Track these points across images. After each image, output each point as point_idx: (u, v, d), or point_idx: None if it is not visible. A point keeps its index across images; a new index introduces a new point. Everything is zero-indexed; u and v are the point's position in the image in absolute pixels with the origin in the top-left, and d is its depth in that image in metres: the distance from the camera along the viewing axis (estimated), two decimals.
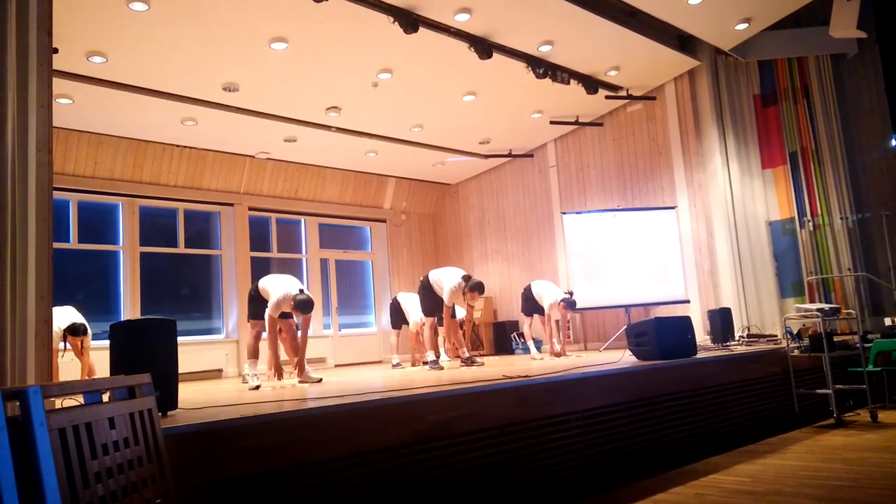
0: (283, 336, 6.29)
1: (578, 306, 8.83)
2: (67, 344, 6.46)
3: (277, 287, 5.86)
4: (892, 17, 8.32)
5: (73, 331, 6.40)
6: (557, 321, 8.48)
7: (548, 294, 7.94)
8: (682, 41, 8.34)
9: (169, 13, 6.12)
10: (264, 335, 6.11)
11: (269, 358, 6.23)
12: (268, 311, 5.82)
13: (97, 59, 6.78)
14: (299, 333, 6.17)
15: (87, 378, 6.57)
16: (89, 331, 6.66)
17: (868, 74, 8.45)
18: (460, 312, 7.78)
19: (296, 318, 6.12)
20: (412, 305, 8.23)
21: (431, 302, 7.21)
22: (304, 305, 5.73)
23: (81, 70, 7.00)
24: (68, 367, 6.76)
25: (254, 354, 5.97)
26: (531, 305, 8.13)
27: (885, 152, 8.32)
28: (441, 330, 8.00)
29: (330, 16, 6.35)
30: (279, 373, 6.07)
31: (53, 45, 3.17)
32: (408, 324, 8.43)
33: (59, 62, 5.91)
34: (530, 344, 8.17)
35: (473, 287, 6.94)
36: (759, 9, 7.42)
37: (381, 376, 6.35)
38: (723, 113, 8.61)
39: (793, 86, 8.56)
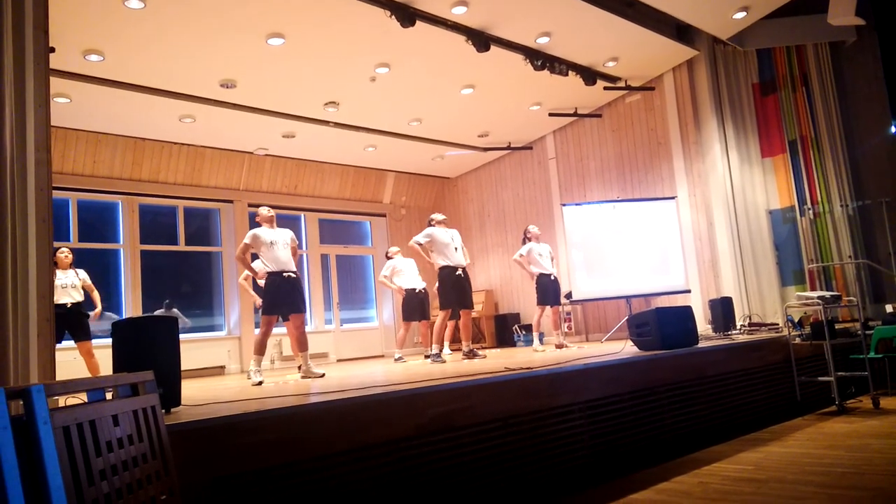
0: (289, 332, 6.30)
1: (580, 297, 8.85)
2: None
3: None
4: (891, 4, 8.29)
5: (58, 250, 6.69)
6: (559, 313, 8.47)
7: (523, 249, 8.17)
8: (680, 31, 8.32)
9: (165, 10, 6.10)
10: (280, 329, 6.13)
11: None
12: (243, 245, 5.99)
13: (94, 58, 6.77)
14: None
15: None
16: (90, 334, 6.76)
17: (867, 62, 8.42)
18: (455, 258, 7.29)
19: (282, 254, 6.10)
20: (411, 272, 8.31)
21: (446, 294, 7.07)
22: (265, 215, 6.01)
23: (79, 69, 6.99)
24: (71, 366, 6.78)
25: (259, 351, 5.92)
26: (542, 294, 8.03)
27: (885, 139, 8.30)
28: (451, 324, 7.96)
29: (327, 11, 6.34)
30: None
31: (50, 44, 3.16)
32: (417, 319, 8.32)
33: (56, 61, 5.91)
34: (535, 335, 8.15)
35: (432, 220, 7.24)
36: None
37: (383, 370, 6.36)
38: (722, 102, 8.59)
39: (791, 74, 8.54)
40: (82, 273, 6.89)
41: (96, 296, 6.98)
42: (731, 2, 7.44)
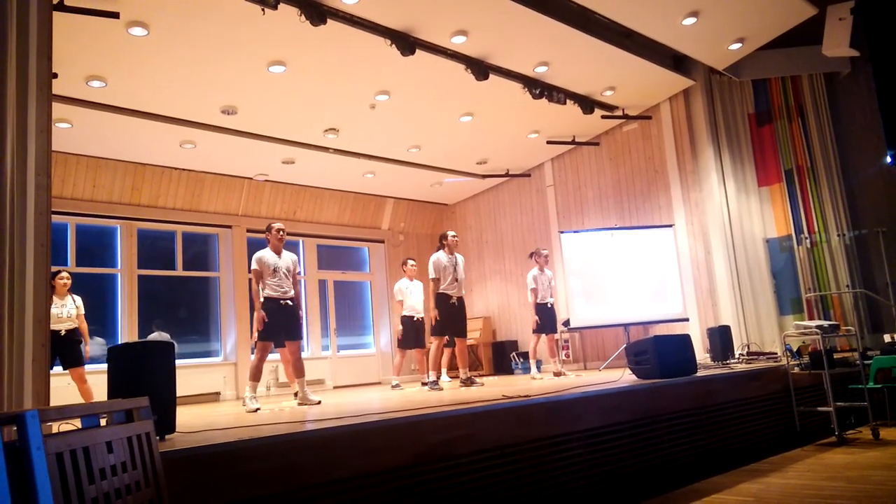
0: (284, 358, 6.27)
1: (578, 325, 8.82)
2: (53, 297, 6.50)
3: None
4: (885, 35, 8.41)
5: (56, 273, 6.57)
6: (557, 340, 8.43)
7: (528, 278, 8.18)
8: (677, 61, 8.42)
9: (168, 38, 6.17)
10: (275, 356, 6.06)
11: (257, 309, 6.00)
12: (253, 278, 5.96)
13: (96, 84, 6.82)
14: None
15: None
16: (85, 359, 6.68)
17: (861, 92, 8.51)
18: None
19: (289, 277, 6.09)
20: (416, 298, 8.29)
21: (442, 321, 7.09)
22: (279, 229, 6.03)
23: (81, 94, 7.04)
24: (65, 392, 6.72)
25: (255, 377, 5.89)
26: (541, 321, 8.02)
27: (880, 169, 8.36)
28: (447, 352, 7.93)
29: (328, 39, 6.41)
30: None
31: (53, 70, 3.19)
32: (412, 347, 8.27)
33: (58, 87, 5.96)
34: (532, 363, 8.13)
35: (445, 235, 7.33)
36: (752, 29, 7.50)
37: (380, 397, 6.32)
38: (718, 131, 8.66)
39: (787, 104, 8.63)
40: (79, 300, 6.82)
41: (84, 328, 6.82)
42: (726, 33, 7.55)
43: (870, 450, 5.11)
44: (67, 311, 6.61)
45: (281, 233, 6.10)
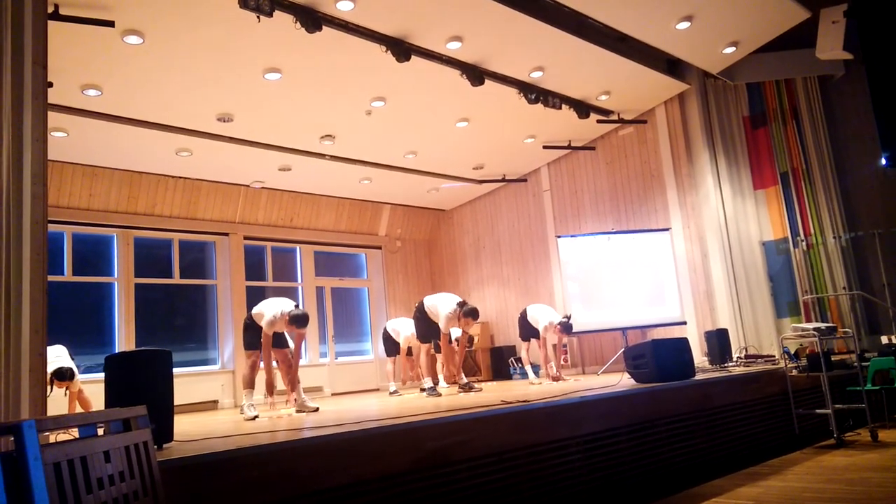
0: (278, 366, 6.26)
1: (575, 330, 8.82)
2: (53, 388, 6.34)
3: (271, 307, 5.89)
4: (878, 38, 8.45)
5: (60, 375, 6.29)
6: (554, 345, 8.45)
7: (543, 317, 7.94)
8: (671, 65, 8.45)
9: (163, 46, 6.18)
10: (261, 364, 6.08)
11: (266, 379, 6.12)
12: (263, 330, 5.84)
13: (92, 93, 6.82)
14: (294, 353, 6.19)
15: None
16: (77, 376, 6.47)
17: (856, 95, 8.54)
18: (456, 332, 7.69)
19: (289, 337, 6.11)
20: (402, 326, 8.26)
21: (427, 328, 7.24)
22: (300, 319, 5.81)
23: (76, 103, 7.03)
24: (62, 402, 6.69)
25: (250, 385, 5.93)
26: (528, 330, 8.13)
27: (875, 171, 8.38)
28: (439, 357, 7.97)
29: (323, 46, 6.42)
30: (271, 391, 6.00)
31: (49, 79, 3.19)
32: (392, 355, 8.43)
33: (54, 96, 5.94)
34: (528, 369, 8.15)
35: (468, 313, 6.90)
36: (745, 33, 7.54)
37: (379, 404, 6.31)
38: (713, 135, 8.69)
39: (781, 107, 8.66)
40: (74, 387, 6.58)
41: (87, 405, 6.67)
42: (720, 37, 7.58)
43: (869, 452, 5.12)
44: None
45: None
